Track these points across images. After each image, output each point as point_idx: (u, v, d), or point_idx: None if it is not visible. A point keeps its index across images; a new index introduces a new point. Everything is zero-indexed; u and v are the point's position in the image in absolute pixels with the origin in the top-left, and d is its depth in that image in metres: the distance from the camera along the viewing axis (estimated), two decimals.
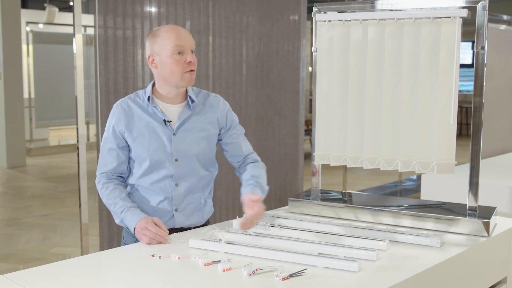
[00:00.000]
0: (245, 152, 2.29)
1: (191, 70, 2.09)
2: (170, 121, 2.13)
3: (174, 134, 2.12)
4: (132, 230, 2.05)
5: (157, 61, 2.09)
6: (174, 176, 2.13)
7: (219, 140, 2.27)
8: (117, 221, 2.13)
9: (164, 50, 2.06)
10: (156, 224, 2.01)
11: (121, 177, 2.20)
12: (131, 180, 2.19)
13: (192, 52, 2.10)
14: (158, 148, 2.11)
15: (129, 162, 2.19)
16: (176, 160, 2.12)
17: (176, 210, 2.16)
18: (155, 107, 2.12)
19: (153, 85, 2.18)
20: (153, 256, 1.85)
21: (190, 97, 2.16)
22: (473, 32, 2.11)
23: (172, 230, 2.14)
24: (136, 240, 2.15)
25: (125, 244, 2.20)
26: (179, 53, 2.06)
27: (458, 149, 2.24)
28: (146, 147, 2.11)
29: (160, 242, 1.98)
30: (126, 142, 2.14)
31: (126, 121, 2.12)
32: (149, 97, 2.13)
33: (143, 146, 2.11)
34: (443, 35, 2.15)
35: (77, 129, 3.23)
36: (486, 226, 2.10)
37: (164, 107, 2.14)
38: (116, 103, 2.17)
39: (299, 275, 1.68)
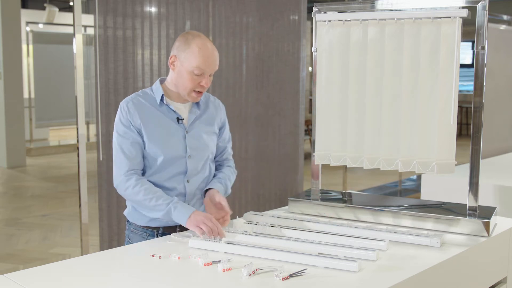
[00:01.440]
0: (227, 155, 2.38)
1: (200, 92, 2.14)
2: (183, 119, 2.17)
3: (187, 131, 2.17)
4: (183, 222, 2.03)
5: (176, 66, 2.13)
6: (187, 173, 2.17)
7: None
8: (158, 214, 2.08)
9: (187, 62, 2.09)
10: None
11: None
12: None
13: (210, 75, 2.14)
14: (172, 146, 2.14)
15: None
16: (189, 157, 2.16)
17: None
18: (167, 105, 2.16)
19: (161, 82, 2.21)
20: (153, 256, 1.85)
21: None
22: (473, 32, 2.11)
23: (182, 227, 2.14)
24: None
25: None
26: (197, 74, 2.09)
27: (458, 149, 2.24)
28: (161, 144, 2.13)
29: (211, 235, 1.99)
30: (142, 138, 2.14)
31: (141, 116, 2.13)
32: (162, 95, 2.16)
33: (158, 142, 2.13)
34: (443, 35, 2.15)
35: (77, 129, 3.23)
36: (486, 226, 2.10)
37: (175, 106, 2.19)
38: (126, 100, 2.15)
39: (299, 275, 1.68)
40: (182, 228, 2.15)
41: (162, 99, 2.16)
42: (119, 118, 2.14)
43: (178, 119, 2.16)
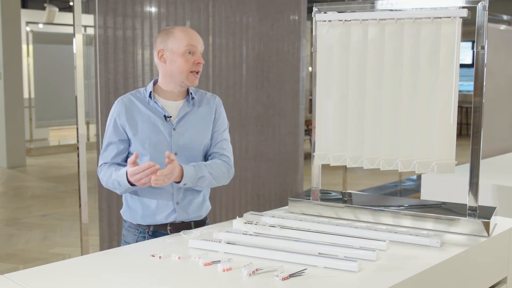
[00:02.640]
0: (219, 149, 2.25)
1: (197, 72, 2.18)
2: (170, 116, 2.18)
3: (174, 129, 2.17)
4: (128, 183, 2.06)
5: (167, 57, 2.16)
6: None
7: None
8: (124, 188, 2.11)
9: (177, 47, 2.14)
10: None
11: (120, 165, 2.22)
12: None
13: (200, 54, 2.19)
14: (158, 142, 2.15)
15: (127, 157, 2.20)
16: (176, 154, 2.16)
17: (177, 203, 2.19)
18: (155, 102, 2.18)
19: (154, 83, 2.24)
20: (153, 256, 1.85)
21: (191, 93, 2.23)
22: (473, 32, 2.11)
23: (174, 225, 2.19)
24: (138, 239, 2.17)
25: (126, 242, 2.23)
26: (190, 52, 2.14)
27: (458, 149, 2.24)
28: (146, 141, 2.15)
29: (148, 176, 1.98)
30: (127, 136, 2.18)
31: (128, 114, 2.17)
32: (150, 92, 2.18)
33: (143, 140, 2.15)
34: (443, 35, 2.15)
35: (77, 129, 3.23)
36: (486, 226, 2.10)
37: (164, 103, 2.20)
38: (118, 99, 2.22)
39: (299, 275, 1.68)
40: (173, 226, 2.18)
41: (150, 96, 2.18)
42: (109, 116, 2.22)
43: (165, 116, 2.17)
